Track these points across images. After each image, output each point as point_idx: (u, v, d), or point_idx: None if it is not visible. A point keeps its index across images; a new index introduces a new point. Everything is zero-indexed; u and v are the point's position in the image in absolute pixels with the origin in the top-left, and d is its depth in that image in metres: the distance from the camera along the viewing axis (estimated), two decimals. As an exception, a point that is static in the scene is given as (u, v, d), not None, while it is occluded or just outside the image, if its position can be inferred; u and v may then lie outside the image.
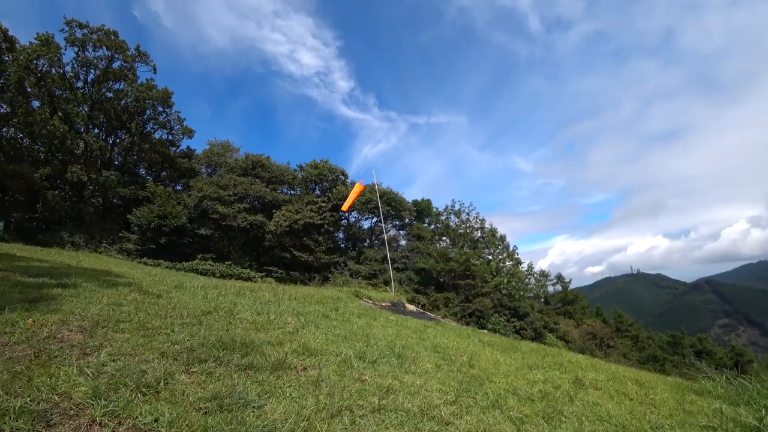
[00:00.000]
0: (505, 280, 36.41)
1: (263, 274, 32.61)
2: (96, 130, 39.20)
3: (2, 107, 33.02)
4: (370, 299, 16.47)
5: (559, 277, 59.43)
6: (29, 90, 32.56)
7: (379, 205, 27.77)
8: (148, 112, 41.10)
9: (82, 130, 36.26)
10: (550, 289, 54.71)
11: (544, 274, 52.98)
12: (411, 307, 19.51)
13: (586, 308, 57.38)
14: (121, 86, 38.34)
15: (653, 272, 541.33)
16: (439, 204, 53.94)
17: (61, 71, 34.51)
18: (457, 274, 33.69)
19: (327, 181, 39.65)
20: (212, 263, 31.94)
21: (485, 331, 22.43)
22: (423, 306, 30.56)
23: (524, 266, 43.65)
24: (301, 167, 41.33)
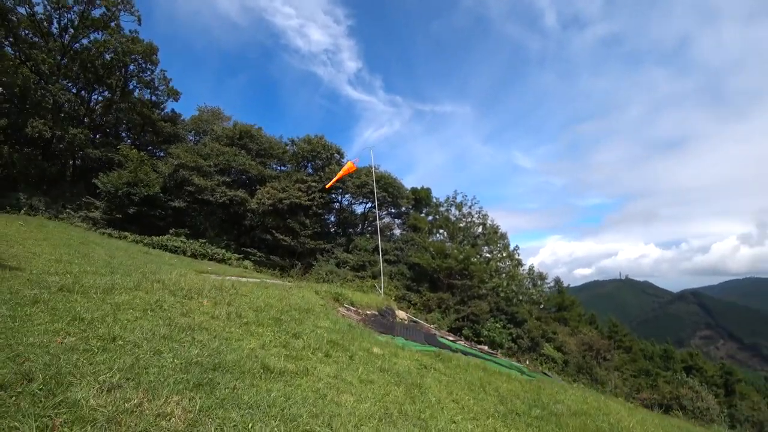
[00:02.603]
0: (505, 283, 33.51)
1: (240, 256, 29.52)
2: (69, 84, 35.41)
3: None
4: (352, 305, 13.45)
5: (557, 281, 56.92)
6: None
7: (375, 190, 24.61)
8: (131, 67, 37.30)
9: (54, 81, 32.48)
10: (545, 290, 52.21)
11: (541, 277, 50.28)
12: (402, 315, 16.57)
13: (582, 315, 55.05)
14: (101, 36, 34.43)
15: (641, 279, 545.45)
16: (438, 194, 50.57)
17: (30, 11, 30.56)
18: (455, 272, 30.74)
19: (320, 159, 36.15)
20: (185, 240, 28.76)
21: (495, 357, 19.59)
22: (414, 306, 27.69)
23: (525, 268, 40.75)
24: (293, 141, 37.59)
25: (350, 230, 40.23)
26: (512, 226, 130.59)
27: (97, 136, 40.37)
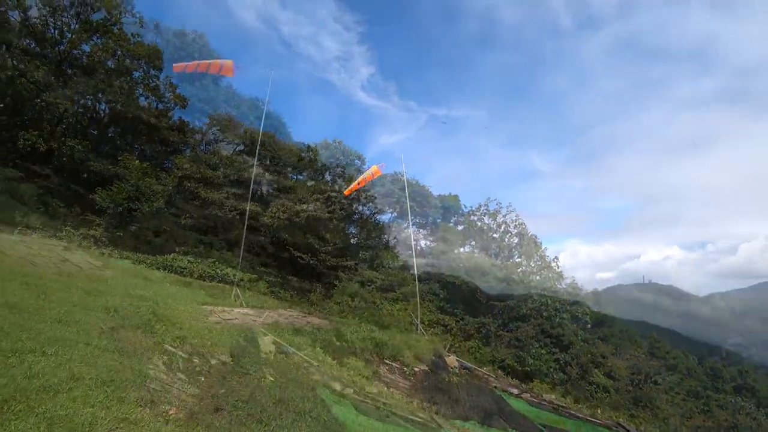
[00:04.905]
0: (548, 301, 29.75)
1: (254, 276, 26.51)
2: (71, 93, 33.12)
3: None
4: (395, 361, 10.10)
5: (595, 293, 52.77)
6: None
7: (407, 200, 21.45)
8: (135, 74, 34.94)
9: (52, 89, 30.14)
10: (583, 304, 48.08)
11: (578, 288, 46.15)
12: (452, 362, 13.14)
13: (625, 332, 50.65)
14: (100, 41, 32.15)
15: (665, 283, 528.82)
16: (464, 201, 47.05)
17: (23, 15, 28.28)
18: (494, 291, 27.22)
19: (340, 166, 33.02)
20: (191, 259, 25.86)
21: (581, 419, 16.08)
22: (450, 331, 24.18)
23: (567, 281, 36.78)
24: (309, 147, 34.46)
25: (374, 242, 36.98)
26: (531, 230, 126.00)
27: (105, 148, 38.14)
